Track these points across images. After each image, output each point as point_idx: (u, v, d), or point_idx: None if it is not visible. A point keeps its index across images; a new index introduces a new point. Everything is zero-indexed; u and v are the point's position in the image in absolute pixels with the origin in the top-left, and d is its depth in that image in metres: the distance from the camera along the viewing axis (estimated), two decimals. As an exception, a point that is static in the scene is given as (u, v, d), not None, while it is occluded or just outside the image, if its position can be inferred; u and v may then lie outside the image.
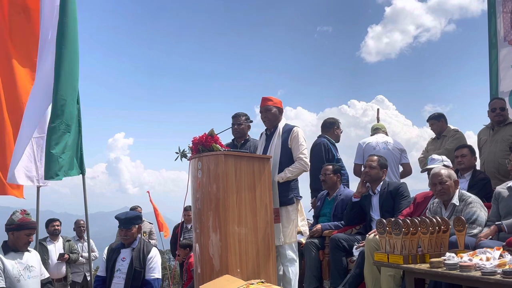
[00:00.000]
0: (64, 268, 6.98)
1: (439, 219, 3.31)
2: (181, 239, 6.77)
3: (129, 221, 4.26)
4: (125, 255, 4.24)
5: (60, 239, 7.13)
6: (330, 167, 5.08)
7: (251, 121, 5.27)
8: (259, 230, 3.98)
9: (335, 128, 5.78)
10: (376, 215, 4.51)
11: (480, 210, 3.64)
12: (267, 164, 4.15)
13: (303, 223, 4.64)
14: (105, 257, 4.36)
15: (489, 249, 2.93)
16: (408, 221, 3.23)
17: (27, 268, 3.92)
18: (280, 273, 4.35)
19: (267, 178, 4.11)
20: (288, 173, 4.30)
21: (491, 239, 3.39)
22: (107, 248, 4.43)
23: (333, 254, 4.50)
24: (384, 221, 3.34)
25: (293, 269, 4.29)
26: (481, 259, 2.82)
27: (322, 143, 5.53)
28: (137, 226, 4.32)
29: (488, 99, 5.64)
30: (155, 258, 4.26)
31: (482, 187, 4.36)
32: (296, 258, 4.35)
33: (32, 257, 4.05)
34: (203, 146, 4.00)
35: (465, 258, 2.88)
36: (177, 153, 4.20)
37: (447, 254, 2.98)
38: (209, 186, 3.91)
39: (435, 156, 4.76)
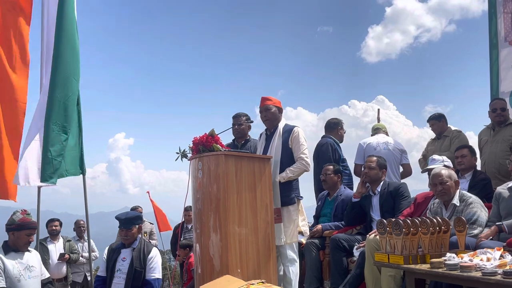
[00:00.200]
0: (64, 268, 6.99)
1: (439, 220, 3.31)
2: (182, 239, 6.77)
3: (129, 221, 4.26)
4: (126, 255, 4.25)
5: (61, 239, 7.13)
6: (331, 167, 5.08)
7: (252, 121, 5.27)
8: (259, 230, 3.98)
9: (339, 128, 5.79)
10: (376, 215, 4.51)
11: (480, 211, 3.64)
12: (268, 164, 4.15)
13: (303, 223, 4.64)
14: (105, 257, 4.36)
15: (489, 250, 2.92)
16: (409, 221, 3.22)
17: (27, 268, 3.92)
18: (281, 273, 4.35)
19: (268, 178, 4.11)
20: (290, 173, 4.30)
21: (491, 239, 3.38)
22: (107, 248, 4.43)
23: (333, 254, 4.50)
24: (385, 221, 3.33)
25: (293, 269, 4.29)
26: (481, 259, 2.81)
27: (329, 143, 5.53)
28: (137, 226, 4.33)
29: (489, 100, 5.64)
30: (155, 258, 4.26)
31: (483, 188, 4.35)
32: (296, 258, 4.36)
33: (32, 257, 4.05)
34: (204, 146, 4.00)
35: (465, 258, 2.87)
36: (177, 153, 4.20)
37: (448, 254, 2.98)
38: (209, 186, 3.91)
39: (435, 156, 4.76)
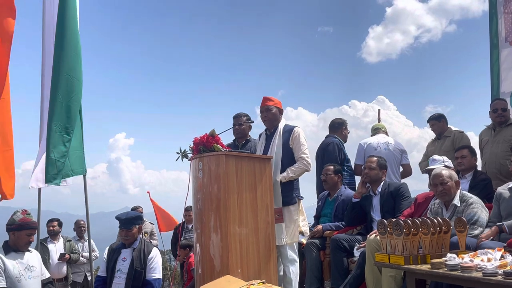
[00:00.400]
0: (64, 268, 6.99)
1: (440, 220, 3.30)
2: (182, 239, 6.77)
3: (129, 221, 4.26)
4: (126, 255, 4.24)
5: (61, 239, 7.13)
6: (331, 167, 5.07)
7: (252, 122, 5.27)
8: (260, 230, 3.98)
9: (343, 128, 5.79)
10: (377, 215, 4.51)
11: (481, 211, 3.64)
12: (268, 165, 4.15)
13: (303, 223, 4.64)
14: (105, 257, 4.36)
15: (490, 250, 2.92)
16: (409, 221, 3.22)
17: (28, 268, 3.92)
18: (281, 273, 4.35)
19: (268, 179, 4.11)
20: (291, 172, 4.30)
21: (492, 240, 3.38)
22: (107, 248, 4.43)
23: (334, 254, 4.50)
24: (385, 221, 3.33)
25: (293, 269, 4.29)
26: (482, 260, 2.81)
27: (336, 143, 5.52)
28: (137, 226, 4.32)
29: (489, 100, 5.63)
30: (155, 258, 4.26)
31: (483, 188, 4.35)
32: (296, 259, 4.36)
33: (33, 257, 4.04)
34: (204, 146, 4.00)
35: (466, 259, 2.87)
36: (178, 153, 4.20)
37: (448, 255, 2.98)
38: (210, 186, 3.91)
39: (436, 156, 4.76)
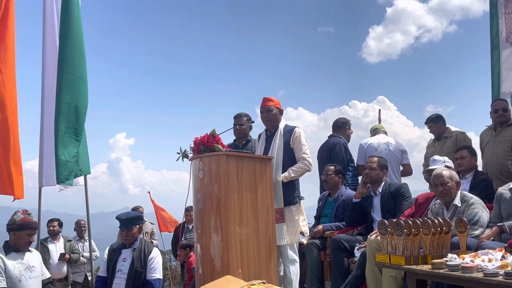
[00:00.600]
0: (65, 268, 6.99)
1: (441, 220, 3.30)
2: (182, 239, 6.77)
3: (130, 221, 4.26)
4: (126, 255, 4.24)
5: (61, 239, 7.13)
6: (332, 167, 5.07)
7: (253, 122, 5.27)
8: (260, 230, 3.97)
9: (347, 128, 5.78)
10: (377, 216, 4.51)
11: (482, 211, 3.63)
12: (269, 165, 4.14)
13: (303, 223, 4.64)
14: (106, 258, 4.36)
15: (491, 251, 2.92)
16: (410, 222, 3.22)
17: (28, 268, 3.92)
18: (281, 273, 4.35)
19: (269, 179, 4.11)
20: (292, 173, 4.30)
21: (493, 240, 3.38)
22: (108, 249, 4.42)
23: (334, 255, 4.50)
24: (386, 222, 3.33)
25: (294, 269, 4.28)
26: (483, 260, 2.81)
27: (342, 144, 5.51)
28: (138, 226, 4.32)
29: (490, 100, 5.62)
30: (156, 258, 4.25)
31: (484, 188, 4.34)
32: (297, 259, 4.35)
33: (33, 257, 4.04)
34: (205, 146, 4.00)
35: (467, 259, 2.87)
36: (178, 153, 4.20)
37: (449, 255, 2.98)
38: (210, 186, 3.91)
39: (436, 157, 4.75)
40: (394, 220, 3.29)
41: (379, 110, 6.95)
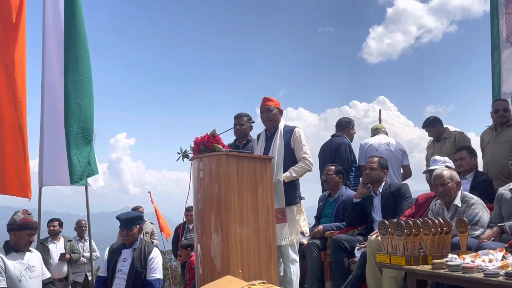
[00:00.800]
0: (65, 268, 6.99)
1: (441, 220, 3.30)
2: (183, 239, 6.77)
3: (130, 221, 4.26)
4: (126, 255, 4.24)
5: (61, 239, 7.13)
6: (332, 167, 5.07)
7: (253, 122, 5.26)
8: (260, 230, 3.97)
9: (350, 128, 5.78)
10: (378, 216, 4.50)
11: (482, 212, 3.63)
12: (269, 165, 4.14)
13: (303, 223, 4.64)
14: (106, 258, 4.36)
15: (491, 251, 2.92)
16: (410, 222, 3.22)
17: (28, 268, 3.92)
18: (281, 274, 4.34)
19: (269, 179, 4.11)
20: (294, 172, 4.31)
21: (493, 240, 3.37)
22: (108, 249, 4.42)
23: (334, 255, 4.50)
24: (386, 222, 3.33)
25: (294, 269, 4.28)
26: (483, 260, 2.81)
27: (347, 144, 5.50)
28: (138, 226, 4.32)
29: (490, 101, 5.62)
30: (156, 258, 4.25)
31: (484, 189, 4.33)
32: (297, 258, 4.35)
33: (33, 257, 4.04)
34: (205, 146, 4.00)
35: (467, 259, 2.87)
36: (179, 153, 4.20)
37: (449, 255, 2.97)
38: (210, 186, 3.91)
39: (437, 157, 4.74)
40: (395, 220, 3.29)
41: (380, 110, 6.95)
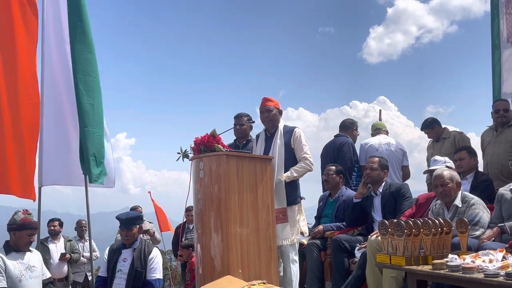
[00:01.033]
0: (65, 268, 6.99)
1: (441, 221, 3.29)
2: (183, 239, 6.77)
3: (130, 221, 4.26)
4: (126, 255, 4.24)
5: (62, 239, 7.13)
6: (333, 167, 5.06)
7: (253, 122, 5.26)
8: (260, 230, 3.97)
9: (354, 129, 5.78)
10: (378, 216, 4.50)
11: (482, 212, 3.63)
12: (269, 165, 4.14)
13: (303, 223, 4.64)
14: (106, 258, 4.36)
15: (491, 251, 2.92)
16: (411, 222, 3.21)
17: (28, 268, 3.92)
18: (281, 274, 4.34)
19: (269, 179, 4.11)
20: (295, 172, 4.31)
21: (493, 241, 3.37)
22: (108, 249, 4.42)
23: (335, 255, 4.50)
24: (387, 222, 3.32)
25: (294, 269, 4.28)
26: (483, 261, 2.80)
27: (350, 144, 5.50)
28: (138, 226, 4.32)
29: (491, 101, 5.62)
30: (156, 258, 4.25)
31: (485, 189, 4.33)
32: (296, 258, 4.35)
33: (33, 257, 4.04)
34: (205, 146, 3.99)
35: (467, 260, 2.87)
36: (179, 153, 4.19)
37: (450, 255, 2.97)
38: (210, 186, 3.91)
39: (437, 157, 4.74)
40: (395, 220, 3.29)
41: (380, 110, 6.94)
